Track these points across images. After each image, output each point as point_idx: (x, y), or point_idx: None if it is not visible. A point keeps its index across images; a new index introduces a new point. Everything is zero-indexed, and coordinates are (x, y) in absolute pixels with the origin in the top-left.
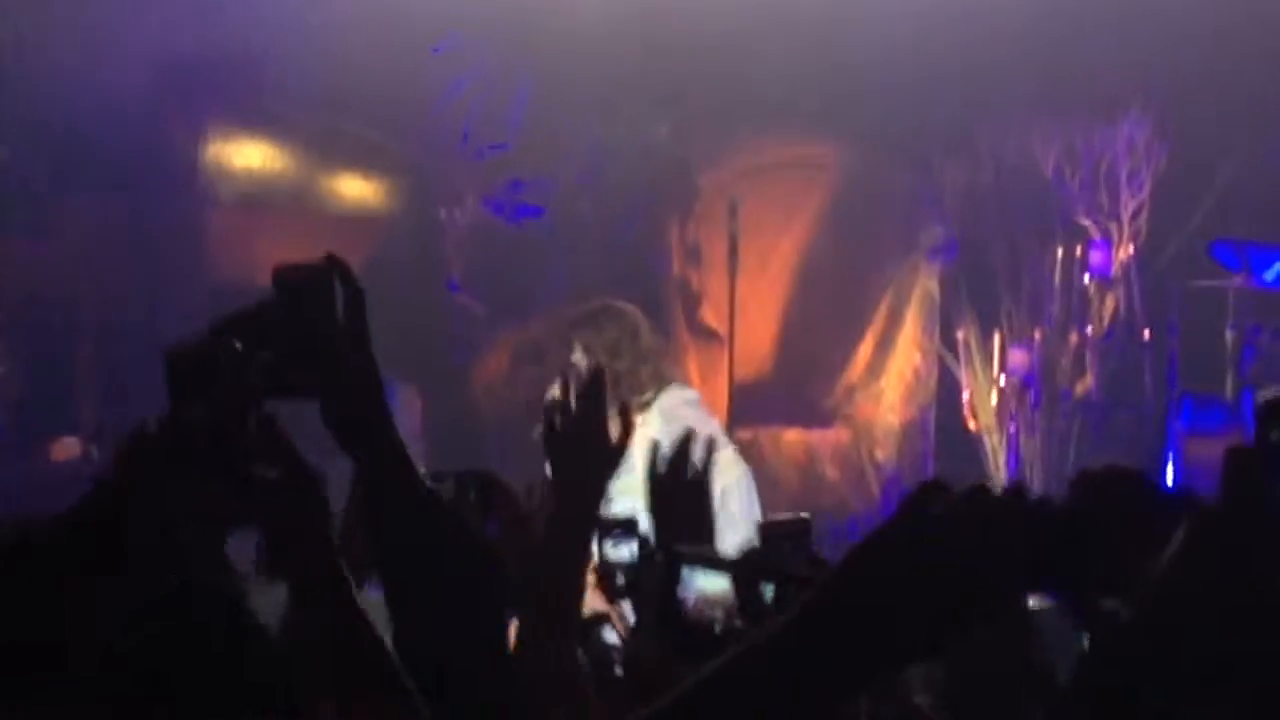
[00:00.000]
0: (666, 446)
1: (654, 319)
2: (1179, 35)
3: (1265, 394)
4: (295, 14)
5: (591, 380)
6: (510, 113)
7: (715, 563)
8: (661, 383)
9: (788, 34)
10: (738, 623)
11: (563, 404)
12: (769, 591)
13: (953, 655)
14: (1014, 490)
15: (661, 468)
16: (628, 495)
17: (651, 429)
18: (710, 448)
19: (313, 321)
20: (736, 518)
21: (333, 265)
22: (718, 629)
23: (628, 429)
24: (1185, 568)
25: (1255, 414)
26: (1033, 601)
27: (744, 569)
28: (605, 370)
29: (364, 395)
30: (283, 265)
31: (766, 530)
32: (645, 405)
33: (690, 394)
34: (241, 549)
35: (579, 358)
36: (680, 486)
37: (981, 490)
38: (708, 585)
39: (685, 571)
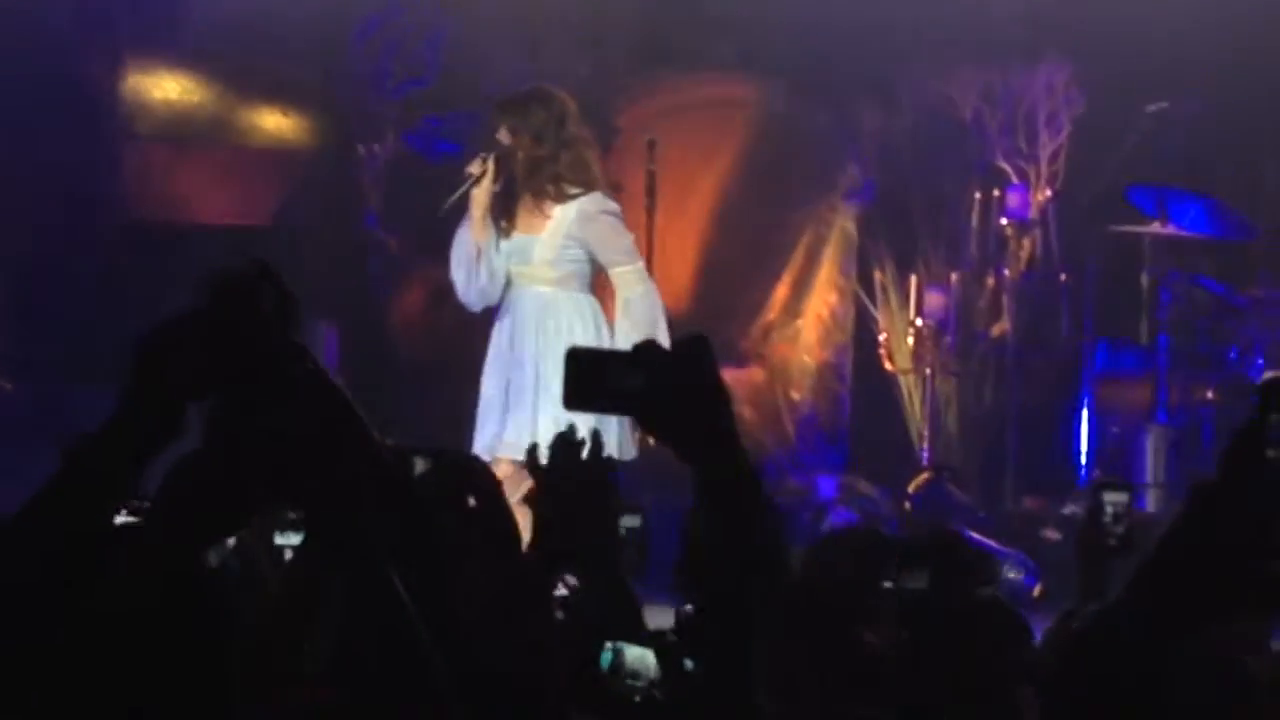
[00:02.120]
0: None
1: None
2: None
3: (1267, 376)
4: None
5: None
6: (429, 50)
7: (637, 638)
8: (587, 178)
9: None
10: (656, 693)
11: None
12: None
13: None
14: None
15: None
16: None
17: (567, 224)
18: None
19: (241, 325)
20: (640, 323)
21: (262, 270)
22: (637, 698)
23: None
24: (1184, 536)
25: (1257, 394)
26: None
27: (665, 644)
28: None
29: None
30: (214, 271)
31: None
32: (568, 198)
33: (613, 205)
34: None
35: (503, 136)
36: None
37: None
38: (629, 655)
39: (613, 644)
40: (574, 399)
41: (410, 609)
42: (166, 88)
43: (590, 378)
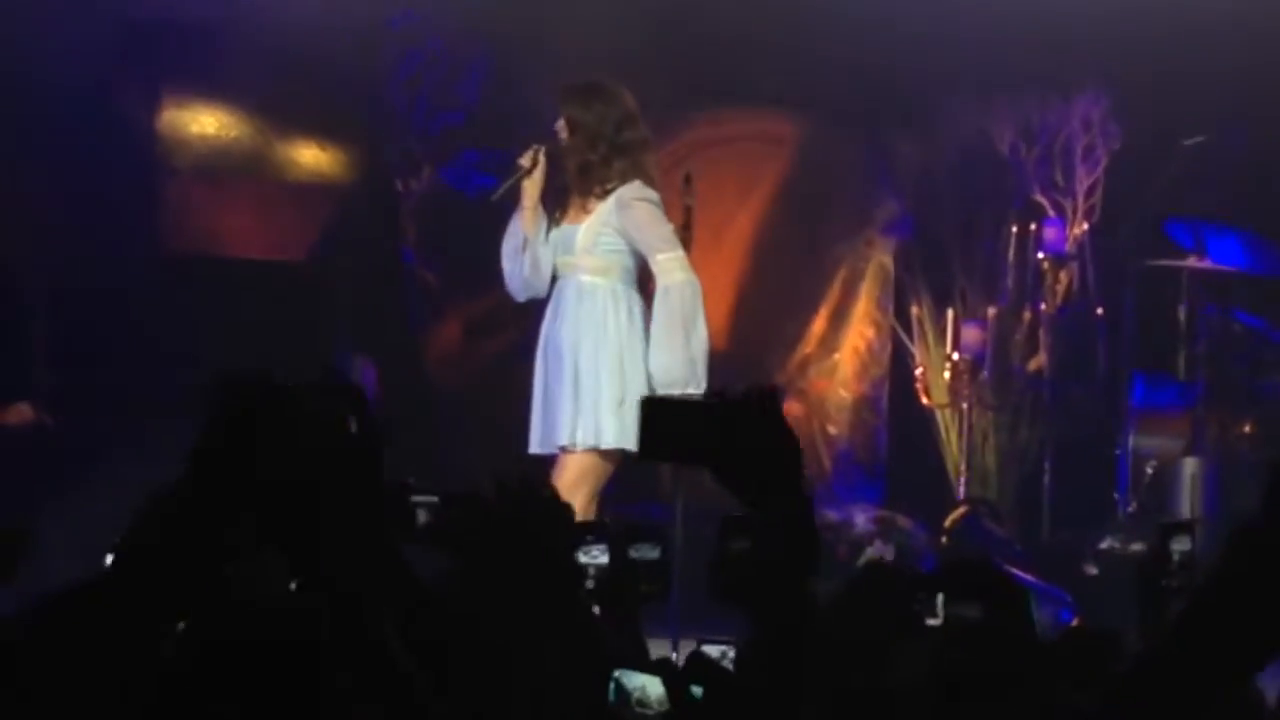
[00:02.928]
0: None
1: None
2: (1137, 11)
3: None
4: None
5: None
6: (466, 86)
7: (648, 665)
8: (632, 176)
9: (746, 8)
10: None
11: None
12: (699, 692)
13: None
14: None
15: None
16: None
17: (606, 212)
18: None
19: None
20: (675, 314)
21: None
22: None
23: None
24: (1227, 581)
25: None
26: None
27: (674, 671)
28: None
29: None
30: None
31: None
32: (606, 194)
33: (650, 192)
34: None
35: (561, 129)
36: None
37: None
38: (642, 685)
39: (620, 673)
40: (647, 449)
41: (401, 650)
42: (204, 122)
43: (662, 427)
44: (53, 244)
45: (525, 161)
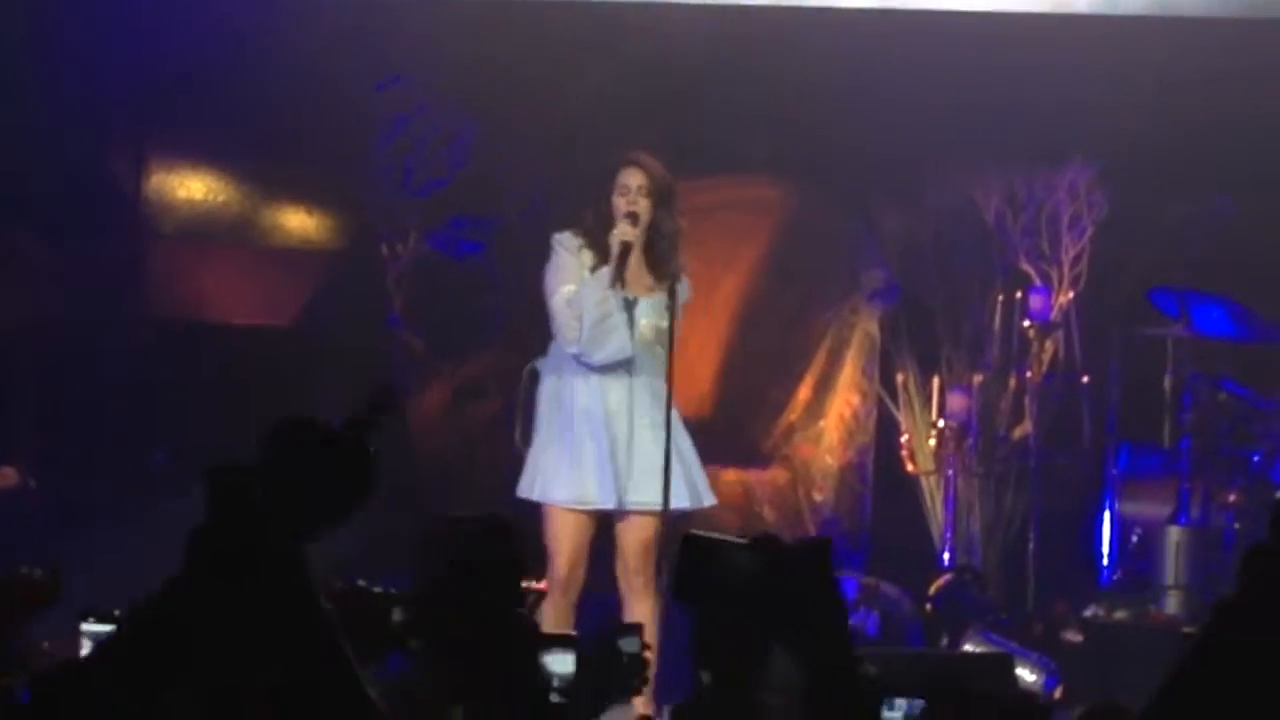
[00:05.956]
0: None
1: None
2: (1123, 82)
3: None
4: (238, 47)
5: None
6: (454, 151)
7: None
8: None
9: (734, 78)
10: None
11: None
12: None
13: None
14: None
15: None
16: None
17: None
18: None
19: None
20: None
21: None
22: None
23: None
24: (1206, 652)
25: (1274, 512)
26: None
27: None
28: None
29: None
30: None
31: None
32: (673, 276)
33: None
34: None
35: (634, 182)
36: None
37: None
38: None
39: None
40: (685, 590)
41: None
42: (190, 187)
43: (704, 566)
44: (39, 307)
45: (630, 238)
